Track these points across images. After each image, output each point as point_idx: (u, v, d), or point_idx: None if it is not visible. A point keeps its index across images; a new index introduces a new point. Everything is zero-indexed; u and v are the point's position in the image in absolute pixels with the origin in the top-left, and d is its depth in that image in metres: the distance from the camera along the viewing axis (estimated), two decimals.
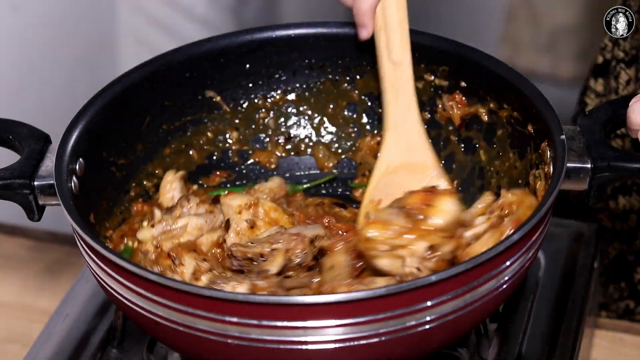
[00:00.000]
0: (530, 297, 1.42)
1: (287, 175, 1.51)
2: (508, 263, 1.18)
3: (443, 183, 1.37)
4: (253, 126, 1.50)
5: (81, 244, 1.23)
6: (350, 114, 1.51)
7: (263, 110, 1.50)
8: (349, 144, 1.52)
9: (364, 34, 1.38)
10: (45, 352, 1.36)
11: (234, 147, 1.50)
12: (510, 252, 1.18)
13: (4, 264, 1.62)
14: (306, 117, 1.52)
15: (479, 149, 1.43)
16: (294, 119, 1.52)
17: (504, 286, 1.20)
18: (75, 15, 2.31)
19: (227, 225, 1.34)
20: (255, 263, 1.28)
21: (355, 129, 1.52)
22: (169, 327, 1.17)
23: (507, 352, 1.34)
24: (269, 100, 1.50)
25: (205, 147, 1.48)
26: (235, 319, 1.13)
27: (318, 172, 1.52)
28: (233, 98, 1.49)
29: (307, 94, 1.51)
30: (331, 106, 1.51)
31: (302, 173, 1.52)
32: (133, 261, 1.24)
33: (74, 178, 1.29)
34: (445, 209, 1.24)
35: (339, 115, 1.52)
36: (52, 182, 1.27)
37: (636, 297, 1.64)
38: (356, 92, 1.50)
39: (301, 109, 1.51)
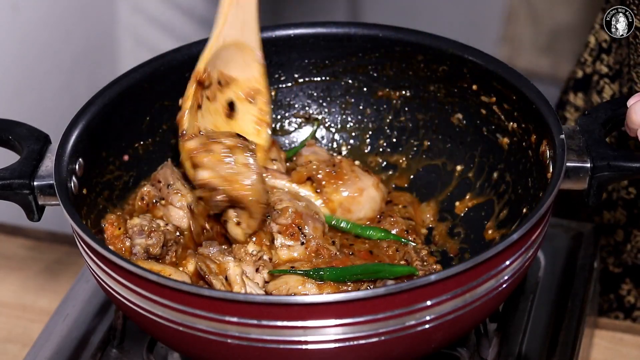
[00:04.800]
0: (530, 297, 1.42)
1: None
2: (508, 262, 1.18)
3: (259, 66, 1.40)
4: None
5: (81, 244, 1.23)
6: (349, 113, 1.52)
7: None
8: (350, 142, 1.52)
9: None
10: (45, 352, 1.36)
11: None
12: (510, 251, 1.18)
13: (4, 264, 1.62)
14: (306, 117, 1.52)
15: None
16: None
17: (504, 286, 1.20)
18: (75, 15, 2.31)
19: None
20: None
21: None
22: (169, 327, 1.17)
23: (507, 352, 1.34)
24: None
25: None
26: (235, 319, 1.13)
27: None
28: None
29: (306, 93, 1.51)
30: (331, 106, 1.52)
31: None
32: (132, 261, 1.24)
33: (73, 178, 1.29)
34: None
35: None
36: (51, 182, 1.27)
37: (624, 309, 1.64)
38: (356, 91, 1.50)
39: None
